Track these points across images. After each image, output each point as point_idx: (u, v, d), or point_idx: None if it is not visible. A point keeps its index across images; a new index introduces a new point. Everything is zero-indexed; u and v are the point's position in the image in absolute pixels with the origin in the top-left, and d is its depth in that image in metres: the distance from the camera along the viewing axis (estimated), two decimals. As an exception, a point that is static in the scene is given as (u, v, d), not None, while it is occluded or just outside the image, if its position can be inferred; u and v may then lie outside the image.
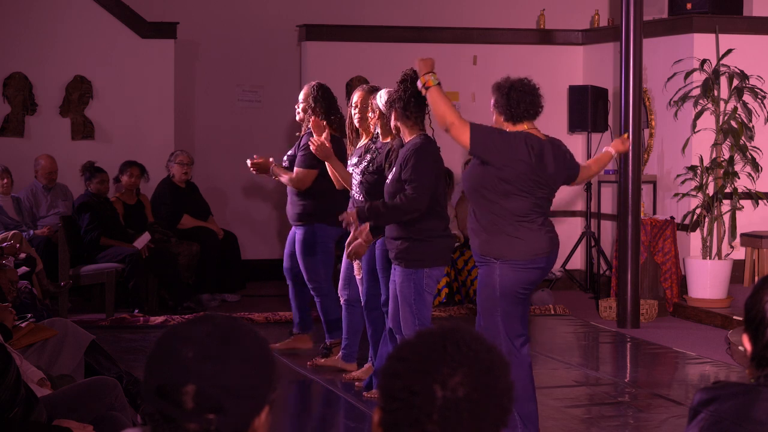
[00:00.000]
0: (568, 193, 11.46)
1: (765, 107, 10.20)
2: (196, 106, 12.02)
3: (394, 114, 6.34)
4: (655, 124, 10.93)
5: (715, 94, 10.07)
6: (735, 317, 9.38)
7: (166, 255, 10.14)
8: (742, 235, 10.29)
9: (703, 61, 10.14)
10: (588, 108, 10.81)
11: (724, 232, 10.12)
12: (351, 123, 7.26)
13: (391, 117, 6.40)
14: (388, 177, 6.40)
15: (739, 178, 10.02)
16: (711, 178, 10.14)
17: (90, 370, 5.78)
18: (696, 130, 10.13)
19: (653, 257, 10.08)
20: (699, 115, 10.13)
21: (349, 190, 7.15)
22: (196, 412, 1.96)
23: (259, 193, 12.11)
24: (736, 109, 10.05)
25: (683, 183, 10.24)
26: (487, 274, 5.53)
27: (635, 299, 9.60)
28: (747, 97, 10.11)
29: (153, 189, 10.83)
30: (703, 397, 2.50)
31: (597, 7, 12.28)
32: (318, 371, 7.71)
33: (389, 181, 6.34)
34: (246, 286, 10.89)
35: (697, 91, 10.13)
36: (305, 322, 8.22)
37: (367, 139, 7.13)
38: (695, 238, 10.34)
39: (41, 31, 11.09)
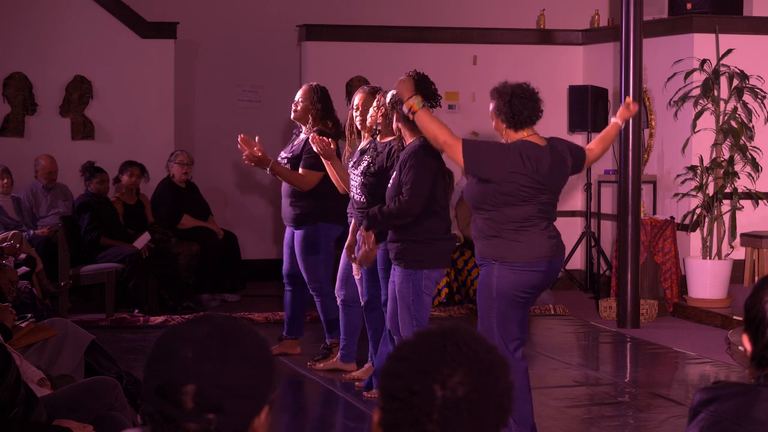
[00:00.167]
0: (569, 194, 11.46)
1: (765, 107, 10.19)
2: (196, 106, 12.02)
3: (396, 115, 6.33)
4: (655, 124, 10.93)
5: (715, 94, 10.07)
6: (735, 317, 9.38)
7: (166, 255, 10.13)
8: (742, 235, 10.29)
9: (703, 61, 10.14)
10: (588, 108, 10.81)
11: (724, 232, 10.12)
12: (352, 124, 7.25)
13: (393, 117, 6.40)
14: (390, 181, 6.40)
15: (739, 178, 10.02)
16: (711, 178, 10.14)
17: (90, 370, 5.78)
18: (696, 130, 10.13)
19: (653, 257, 10.08)
20: (699, 115, 10.13)
21: (348, 191, 7.14)
22: (196, 412, 1.96)
23: (260, 193, 12.11)
24: (736, 109, 10.05)
25: (683, 183, 10.23)
26: (486, 275, 5.53)
27: (635, 299, 9.60)
28: (747, 97, 10.11)
29: (153, 189, 10.83)
30: (703, 397, 2.50)
31: (597, 7, 12.28)
32: (317, 371, 7.71)
33: (390, 185, 6.32)
34: (246, 286, 10.89)
35: (697, 91, 10.13)
36: (298, 327, 8.19)
37: (367, 141, 7.13)
38: (695, 238, 10.33)
39: (41, 31, 11.09)
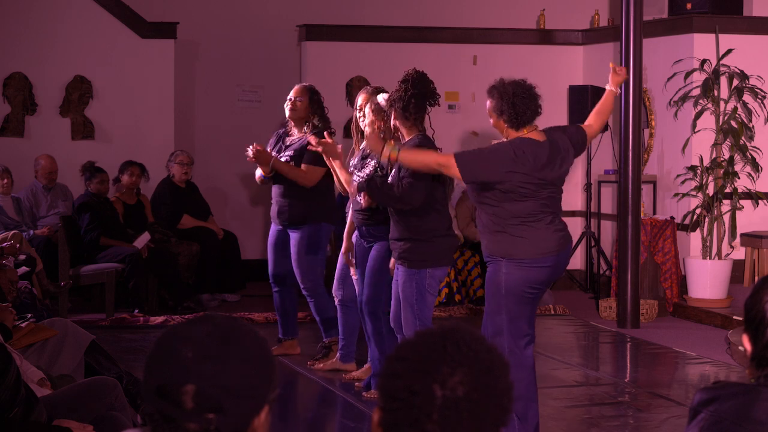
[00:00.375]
0: (569, 194, 11.44)
1: (765, 107, 10.19)
2: (196, 106, 12.02)
3: (394, 114, 6.32)
4: (655, 124, 10.93)
5: (715, 94, 10.07)
6: (735, 317, 9.38)
7: (166, 255, 10.13)
8: (742, 235, 10.29)
9: (703, 61, 10.14)
10: (588, 108, 10.72)
11: (724, 232, 10.12)
12: (357, 125, 7.23)
13: (390, 116, 6.39)
14: (389, 178, 6.40)
15: (739, 178, 10.01)
16: (711, 178, 10.14)
17: (90, 370, 5.78)
18: (696, 130, 10.13)
19: (653, 257, 10.08)
20: (699, 115, 10.13)
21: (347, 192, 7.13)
22: (196, 412, 1.96)
23: (259, 193, 12.10)
24: (736, 109, 10.05)
25: (683, 183, 10.23)
26: (494, 272, 5.52)
27: (635, 299, 9.60)
28: (747, 97, 10.10)
29: (153, 189, 10.83)
30: (703, 397, 2.50)
31: (597, 7, 12.28)
32: (317, 371, 7.71)
33: (389, 182, 6.33)
34: (246, 286, 10.88)
35: (697, 91, 10.13)
36: (293, 327, 8.18)
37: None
38: (695, 238, 10.33)
39: (41, 31, 11.09)
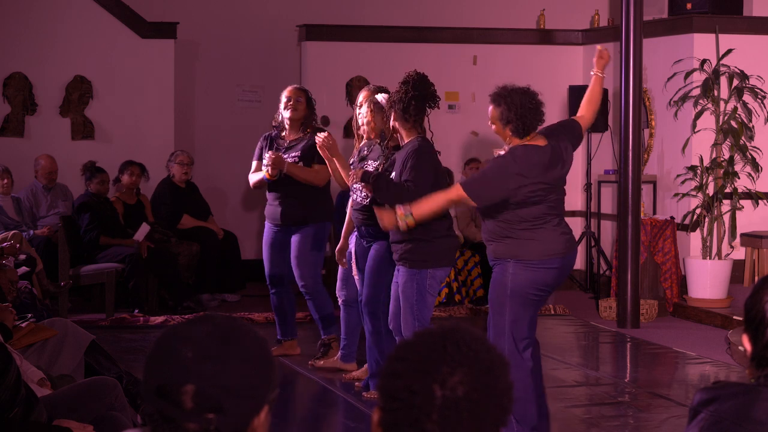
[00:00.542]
0: (569, 194, 11.43)
1: (765, 107, 10.19)
2: (196, 106, 12.02)
3: (393, 115, 6.32)
4: (655, 124, 10.93)
5: (715, 94, 10.07)
6: (735, 317, 9.38)
7: (166, 255, 10.13)
8: (742, 235, 10.29)
9: (703, 61, 10.14)
10: (588, 108, 10.79)
11: (724, 232, 10.12)
12: (357, 123, 7.22)
13: (390, 117, 6.39)
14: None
15: (739, 178, 10.01)
16: (711, 178, 10.14)
17: (90, 370, 5.78)
18: (696, 130, 10.13)
19: (653, 257, 10.08)
20: (699, 115, 10.13)
21: (348, 188, 7.13)
22: (196, 412, 1.96)
23: (259, 193, 12.09)
24: (736, 109, 10.04)
25: (683, 183, 10.23)
26: (500, 273, 5.52)
27: (635, 299, 9.60)
28: (747, 97, 10.10)
29: (153, 189, 10.83)
30: (703, 397, 2.50)
31: (597, 7, 12.28)
32: (317, 371, 7.71)
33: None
34: (246, 286, 10.88)
35: (697, 91, 10.13)
36: (292, 327, 8.18)
37: (365, 143, 7.11)
38: (695, 238, 10.33)
39: (41, 31, 11.09)
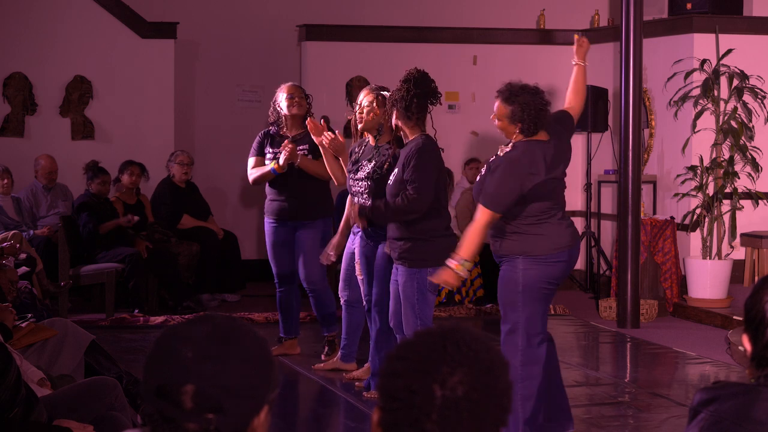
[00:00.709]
0: (569, 194, 11.42)
1: (765, 107, 10.19)
2: (196, 106, 12.02)
3: (396, 113, 6.31)
4: (655, 124, 10.93)
5: (715, 94, 10.07)
6: (735, 317, 9.38)
7: (166, 255, 10.13)
8: (742, 235, 10.29)
9: (703, 61, 10.14)
10: (588, 108, 10.78)
11: (724, 232, 10.12)
12: (355, 122, 7.22)
13: (392, 116, 6.38)
14: (390, 178, 6.38)
15: (739, 178, 10.01)
16: (711, 178, 10.14)
17: (90, 370, 5.78)
18: (696, 130, 10.13)
19: (653, 257, 10.08)
20: (699, 115, 10.13)
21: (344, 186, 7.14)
22: (196, 412, 1.96)
23: (259, 193, 12.08)
24: (736, 109, 10.04)
25: (683, 183, 10.23)
26: (510, 270, 5.51)
27: (635, 299, 9.60)
28: (747, 97, 10.10)
29: (153, 189, 10.83)
30: (703, 397, 2.50)
31: (597, 7, 12.28)
32: (317, 371, 7.71)
33: (392, 182, 6.31)
34: (246, 286, 10.88)
35: (697, 91, 10.13)
36: (295, 326, 8.18)
37: (359, 143, 7.12)
38: (695, 238, 10.33)
39: (41, 31, 11.10)
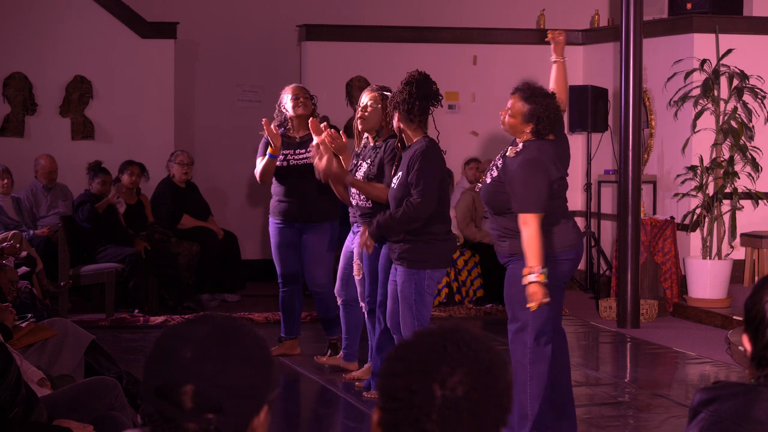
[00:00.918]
0: (568, 194, 11.43)
1: (765, 107, 10.19)
2: (196, 106, 12.02)
3: (398, 116, 6.30)
4: (655, 124, 10.93)
5: (715, 94, 10.07)
6: (735, 317, 9.38)
7: (166, 255, 10.14)
8: (742, 235, 10.29)
9: (703, 61, 10.14)
10: (588, 108, 10.80)
11: (724, 232, 10.12)
12: (356, 123, 7.20)
13: (394, 118, 6.37)
14: (393, 181, 6.37)
15: (739, 178, 10.01)
16: (711, 178, 10.14)
17: (90, 370, 5.78)
18: (696, 130, 10.13)
19: (653, 257, 10.08)
20: (699, 115, 10.13)
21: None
22: (195, 412, 1.96)
23: (259, 193, 12.10)
24: (736, 109, 10.04)
25: (683, 183, 10.23)
26: (520, 270, 5.47)
27: (635, 299, 9.60)
28: (747, 97, 10.10)
29: (153, 189, 10.83)
30: (703, 397, 2.50)
31: (597, 7, 12.28)
32: (318, 371, 7.71)
33: (395, 186, 6.29)
34: (246, 286, 10.88)
35: (697, 91, 10.13)
36: (296, 326, 8.17)
37: (359, 145, 7.12)
38: (695, 238, 10.33)
39: (41, 31, 11.10)
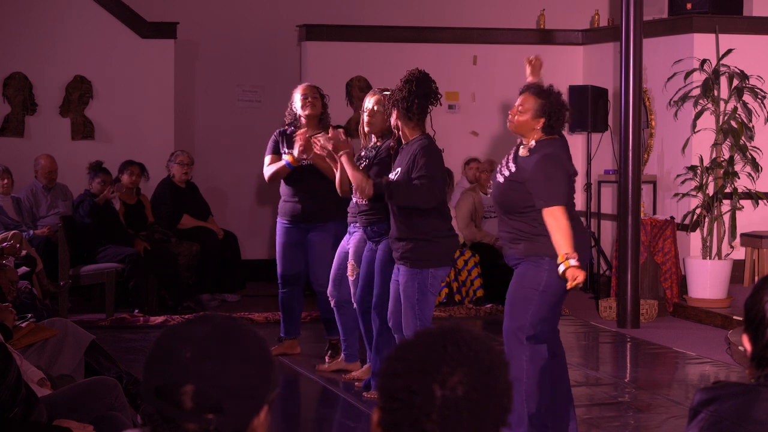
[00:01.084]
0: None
1: (765, 107, 10.19)
2: (196, 106, 12.02)
3: (396, 113, 6.30)
4: (655, 124, 10.93)
5: (715, 94, 10.07)
6: (735, 317, 9.38)
7: (166, 255, 10.13)
8: (742, 235, 10.29)
9: (703, 61, 10.14)
10: (588, 108, 10.79)
11: (724, 232, 10.12)
12: (362, 125, 7.20)
13: (392, 115, 6.36)
14: (391, 177, 6.35)
15: (739, 178, 10.01)
16: (711, 178, 10.14)
17: (90, 370, 5.78)
18: (696, 130, 10.13)
19: (653, 257, 10.08)
20: (699, 115, 10.13)
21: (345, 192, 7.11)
22: (195, 412, 1.96)
23: (260, 193, 12.11)
24: (736, 109, 10.04)
25: (683, 183, 10.23)
26: (535, 268, 5.46)
27: (635, 299, 9.60)
28: (747, 97, 10.10)
29: (153, 189, 10.83)
30: (703, 397, 2.50)
31: (597, 7, 12.28)
32: (318, 371, 7.71)
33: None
34: (246, 286, 10.88)
35: (697, 91, 10.13)
36: (296, 326, 8.17)
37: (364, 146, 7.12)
38: (695, 238, 10.33)
39: (41, 31, 11.09)
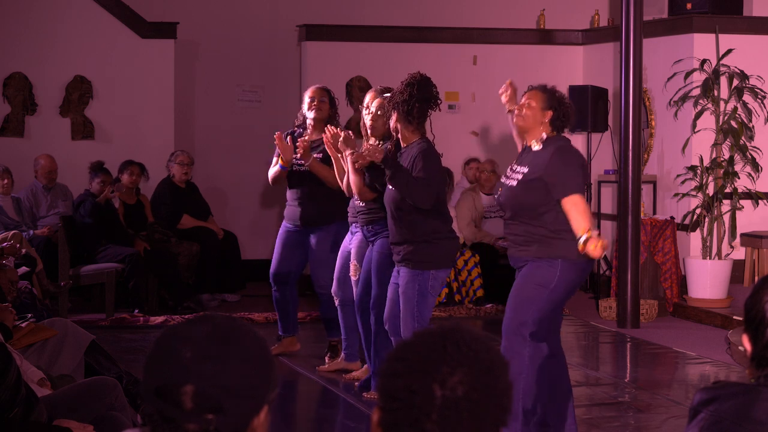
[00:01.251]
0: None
1: (765, 107, 10.19)
2: (196, 106, 12.02)
3: (396, 116, 6.29)
4: (655, 124, 10.93)
5: (715, 94, 10.07)
6: (735, 317, 9.38)
7: (166, 255, 10.13)
8: (742, 235, 10.29)
9: (703, 61, 10.14)
10: (588, 108, 10.79)
11: (724, 232, 10.12)
12: (364, 124, 7.20)
13: (392, 118, 6.35)
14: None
15: (739, 178, 10.01)
16: (711, 178, 10.14)
17: (90, 370, 5.78)
18: (696, 130, 10.13)
19: (653, 257, 10.08)
20: (699, 115, 10.13)
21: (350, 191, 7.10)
22: (195, 413, 1.96)
23: (260, 193, 12.11)
24: (736, 109, 10.04)
25: (683, 183, 10.23)
26: (547, 268, 5.45)
27: (635, 299, 9.60)
28: (747, 97, 10.10)
29: (153, 189, 10.83)
30: (703, 397, 2.50)
31: (597, 7, 12.28)
32: (318, 371, 7.71)
33: (391, 188, 6.28)
34: (246, 286, 10.88)
35: (697, 91, 10.13)
36: (293, 324, 8.18)
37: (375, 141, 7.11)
38: (695, 238, 10.33)
39: (41, 31, 11.09)
